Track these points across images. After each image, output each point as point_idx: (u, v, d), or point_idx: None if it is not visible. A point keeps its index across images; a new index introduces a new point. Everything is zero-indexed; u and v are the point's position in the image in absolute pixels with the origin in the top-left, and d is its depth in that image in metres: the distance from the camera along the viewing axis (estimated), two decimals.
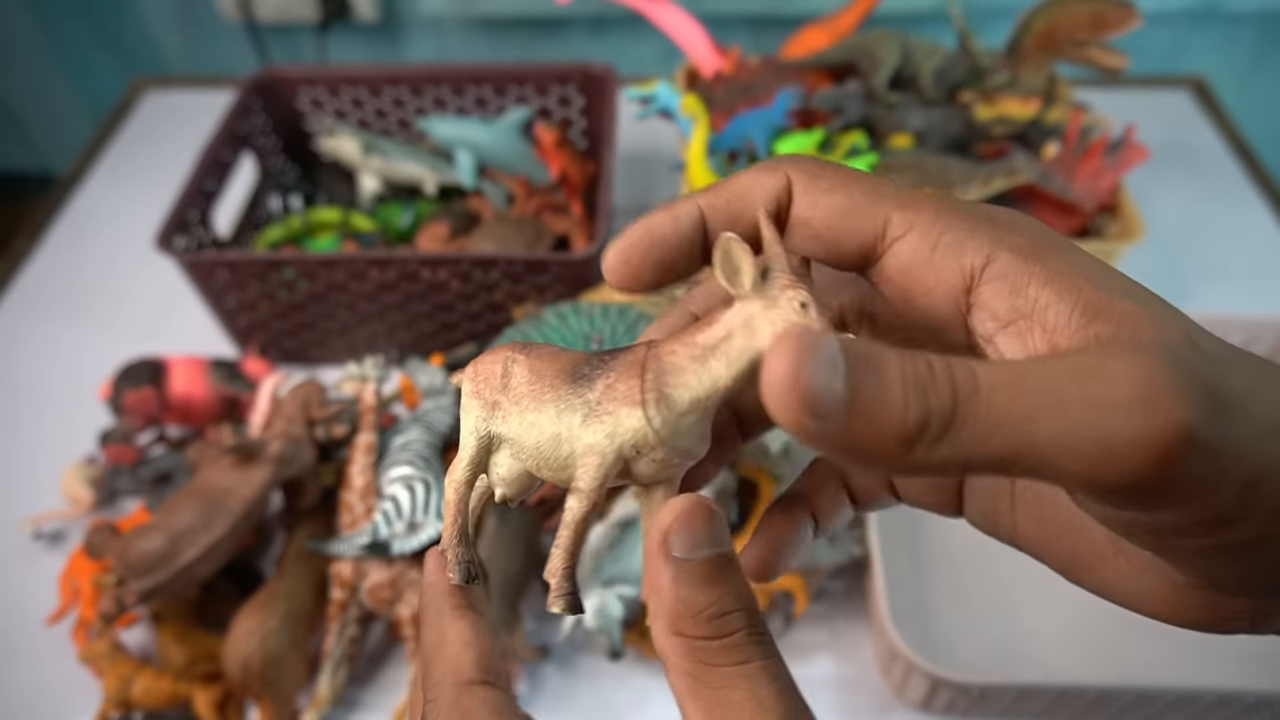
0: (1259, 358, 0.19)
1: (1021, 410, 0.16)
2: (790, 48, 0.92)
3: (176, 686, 0.61)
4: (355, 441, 0.64)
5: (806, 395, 0.16)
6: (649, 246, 0.23)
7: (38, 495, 0.75)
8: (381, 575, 0.61)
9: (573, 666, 0.65)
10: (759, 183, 0.22)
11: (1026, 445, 0.16)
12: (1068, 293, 0.19)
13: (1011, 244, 0.20)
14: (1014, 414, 0.16)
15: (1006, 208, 0.22)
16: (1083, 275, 0.19)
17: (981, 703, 0.59)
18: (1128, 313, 0.18)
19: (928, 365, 0.17)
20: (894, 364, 0.17)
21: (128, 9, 1.41)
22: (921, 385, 0.17)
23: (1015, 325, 0.20)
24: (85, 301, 0.95)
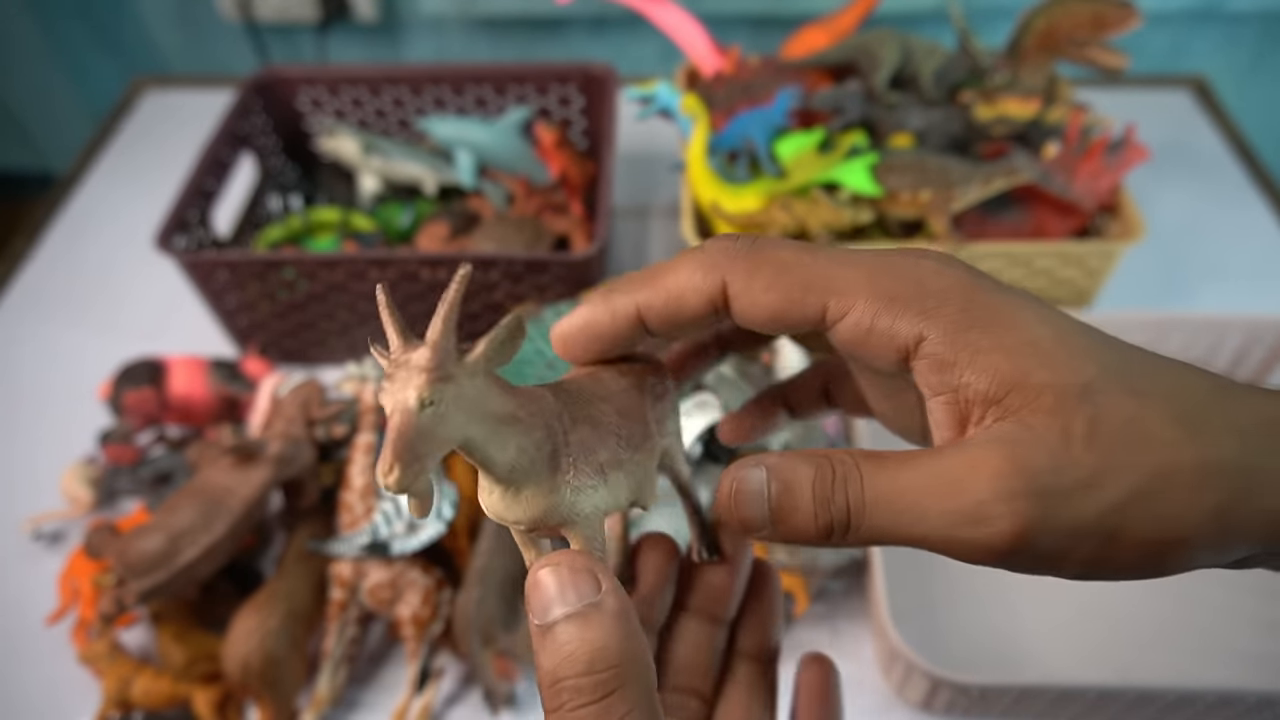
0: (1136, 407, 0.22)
1: (898, 520, 0.22)
2: (790, 48, 0.92)
3: (176, 687, 0.61)
4: (355, 441, 0.64)
5: (741, 519, 0.24)
6: (587, 337, 0.26)
7: (37, 495, 0.75)
8: (381, 575, 0.61)
9: None
10: (695, 287, 0.25)
11: (908, 541, 0.22)
12: (986, 370, 0.22)
13: (941, 321, 0.23)
14: (892, 522, 0.22)
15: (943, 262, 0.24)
16: (1000, 350, 0.22)
17: (981, 703, 0.59)
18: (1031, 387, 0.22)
19: (829, 481, 0.23)
20: (805, 484, 0.23)
21: (127, 9, 1.41)
22: (825, 502, 0.23)
23: (944, 397, 0.23)
24: (85, 301, 0.95)
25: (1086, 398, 0.22)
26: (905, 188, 0.73)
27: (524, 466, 0.22)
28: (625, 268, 0.94)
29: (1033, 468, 0.21)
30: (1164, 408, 0.22)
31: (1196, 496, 0.21)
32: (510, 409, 0.22)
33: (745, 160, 0.81)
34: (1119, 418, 0.22)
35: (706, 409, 0.59)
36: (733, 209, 0.76)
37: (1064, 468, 0.21)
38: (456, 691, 0.65)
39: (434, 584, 0.62)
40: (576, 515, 0.23)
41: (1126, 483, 0.21)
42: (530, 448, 0.22)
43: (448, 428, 0.21)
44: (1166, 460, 0.21)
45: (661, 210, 1.02)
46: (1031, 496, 0.21)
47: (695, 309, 0.25)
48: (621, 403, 0.25)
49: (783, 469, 0.23)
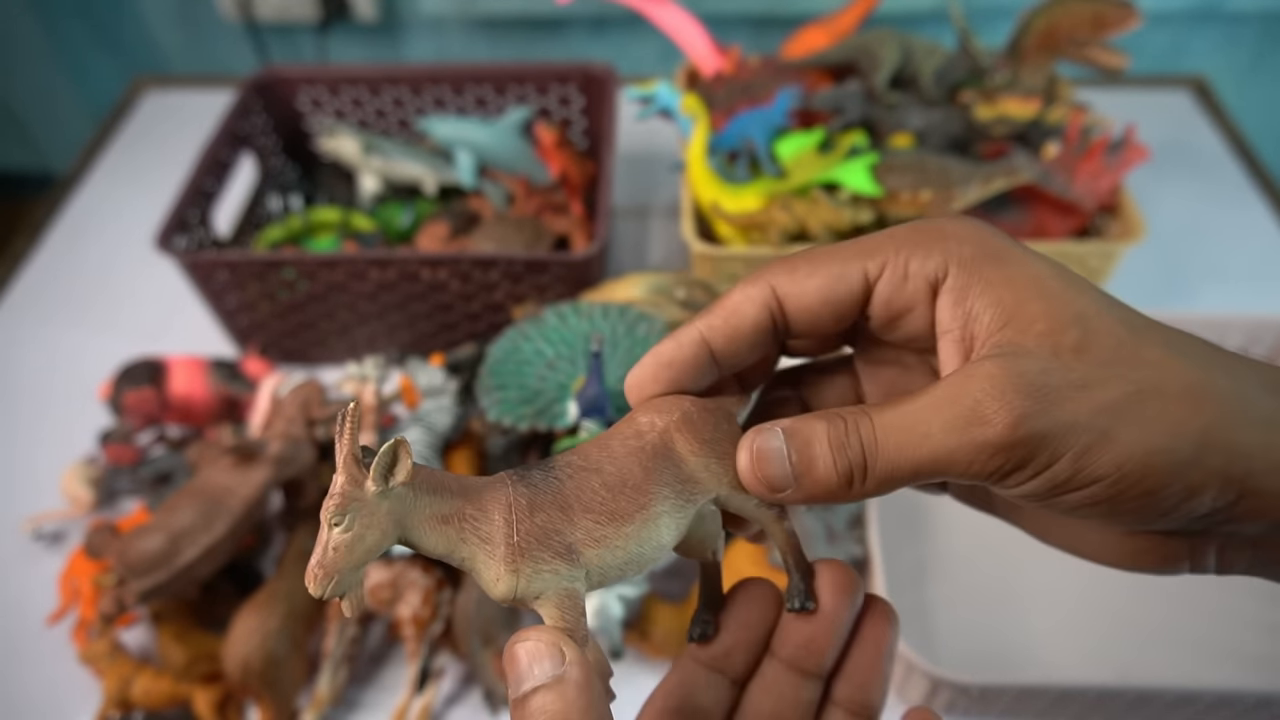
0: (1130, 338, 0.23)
1: (907, 444, 0.24)
2: (790, 48, 0.92)
3: (176, 687, 0.61)
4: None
5: (765, 480, 0.25)
6: (660, 371, 0.27)
7: (38, 495, 0.75)
8: (381, 575, 0.61)
9: None
10: (747, 296, 0.26)
11: (919, 465, 0.23)
12: (992, 302, 0.24)
13: (960, 256, 0.25)
14: (903, 447, 0.24)
15: (961, 218, 0.26)
16: (1006, 282, 0.24)
17: (981, 703, 0.59)
18: (1027, 316, 0.23)
19: (843, 429, 0.24)
20: (821, 436, 0.25)
21: (127, 9, 1.41)
22: (840, 447, 0.24)
23: (952, 334, 0.25)
24: (85, 301, 0.95)
25: (1078, 322, 0.23)
26: (905, 188, 0.73)
27: (471, 557, 0.24)
28: (625, 268, 0.94)
29: (1025, 371, 0.23)
30: (1156, 339, 0.24)
31: (1185, 412, 0.22)
32: (452, 509, 0.24)
33: (745, 160, 0.81)
34: (1110, 340, 0.23)
35: None
36: (733, 209, 0.76)
37: (1055, 371, 0.23)
38: (456, 691, 0.65)
39: (434, 584, 0.62)
40: (537, 596, 0.24)
41: (1118, 389, 0.22)
42: (474, 540, 0.24)
43: (364, 543, 0.23)
44: (1157, 377, 0.23)
45: (661, 210, 1.02)
46: (1024, 391, 0.22)
47: (753, 318, 0.26)
48: (613, 475, 0.26)
49: (798, 427, 0.25)
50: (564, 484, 0.25)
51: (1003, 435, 0.22)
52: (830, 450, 0.24)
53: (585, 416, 0.59)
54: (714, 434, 0.27)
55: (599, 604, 0.58)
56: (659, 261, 0.97)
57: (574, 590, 0.24)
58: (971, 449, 0.23)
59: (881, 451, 0.24)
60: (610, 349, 0.64)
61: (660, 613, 0.63)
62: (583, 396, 0.58)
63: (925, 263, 0.25)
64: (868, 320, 0.27)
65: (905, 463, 0.24)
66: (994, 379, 0.23)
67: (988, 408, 0.22)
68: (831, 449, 0.24)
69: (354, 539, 0.23)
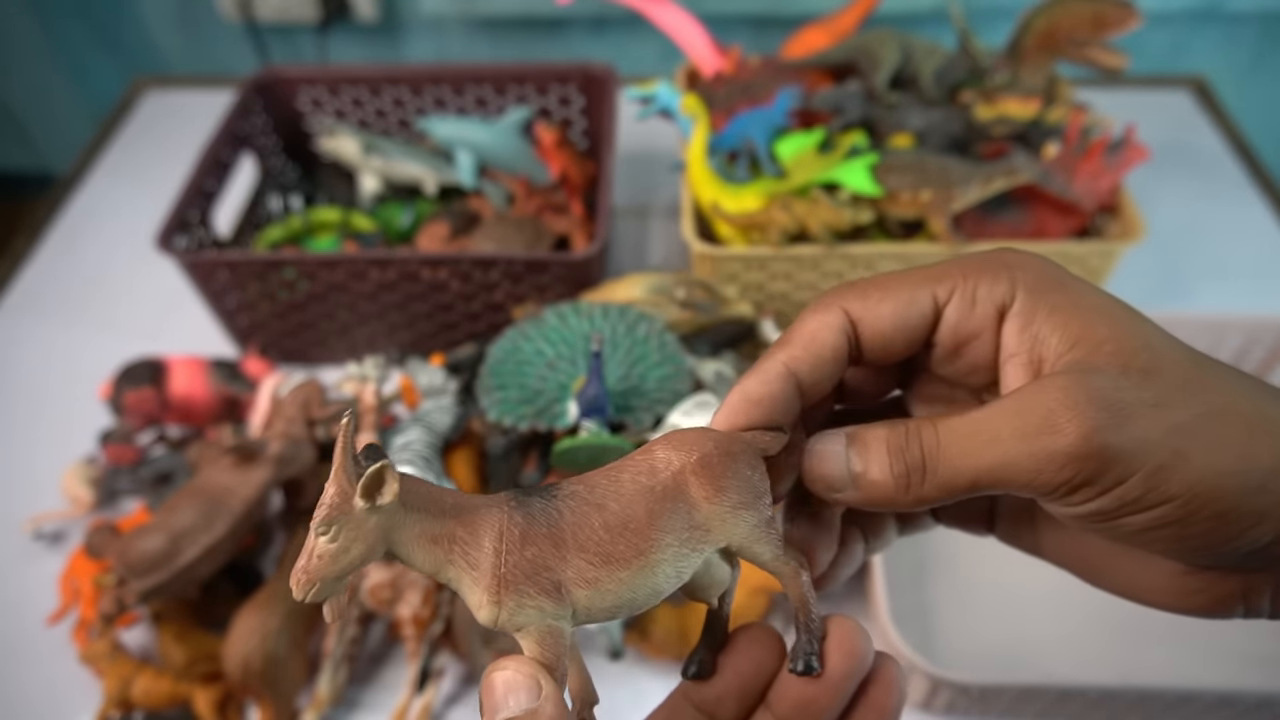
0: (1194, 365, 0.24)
1: (972, 449, 0.23)
2: (790, 48, 0.92)
3: (177, 686, 0.61)
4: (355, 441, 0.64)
5: (823, 480, 0.26)
6: (751, 409, 0.26)
7: (38, 495, 0.75)
8: (382, 575, 0.61)
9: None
10: (824, 323, 0.27)
11: (982, 472, 0.23)
12: (1059, 325, 0.24)
13: (1026, 283, 0.25)
14: (967, 453, 0.24)
15: (1025, 250, 0.26)
16: (1073, 307, 0.24)
17: (981, 703, 0.59)
18: (1095, 339, 0.24)
19: (903, 434, 0.25)
20: (880, 440, 0.25)
21: (127, 9, 1.41)
22: (899, 450, 0.25)
23: (1019, 357, 0.25)
24: (85, 301, 0.95)
25: (1146, 347, 0.23)
26: (905, 188, 0.73)
27: (457, 580, 0.24)
28: (625, 268, 0.94)
29: (1099, 386, 0.23)
30: (1219, 370, 0.24)
31: (1256, 438, 0.22)
32: (443, 530, 0.24)
33: (745, 160, 0.81)
34: (1178, 365, 0.23)
35: (706, 408, 0.59)
36: (733, 209, 0.76)
37: (1128, 388, 0.23)
38: (456, 691, 0.65)
39: (434, 584, 0.62)
40: (519, 629, 0.24)
41: (1191, 410, 0.22)
42: (461, 564, 0.24)
43: (348, 555, 0.23)
44: (1227, 402, 0.23)
45: (661, 210, 1.02)
46: (1099, 404, 0.22)
47: (833, 344, 0.26)
48: (616, 514, 0.24)
49: (860, 431, 0.26)
50: (562, 516, 0.24)
51: (1075, 445, 0.22)
52: (888, 453, 0.25)
53: (585, 416, 0.59)
54: (733, 481, 0.25)
55: None
56: (659, 261, 0.97)
57: (558, 627, 0.24)
58: (1041, 457, 0.22)
59: (944, 455, 0.24)
60: (610, 349, 0.64)
61: (660, 613, 0.63)
62: (583, 396, 0.58)
63: (993, 288, 0.25)
64: (931, 349, 0.27)
65: (967, 468, 0.24)
66: (1067, 390, 0.23)
67: (1061, 416, 0.22)
68: (889, 452, 0.25)
69: (339, 550, 0.23)
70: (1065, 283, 0.25)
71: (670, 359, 0.64)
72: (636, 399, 0.62)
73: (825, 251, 0.74)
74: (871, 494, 0.25)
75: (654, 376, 0.63)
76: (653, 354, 0.64)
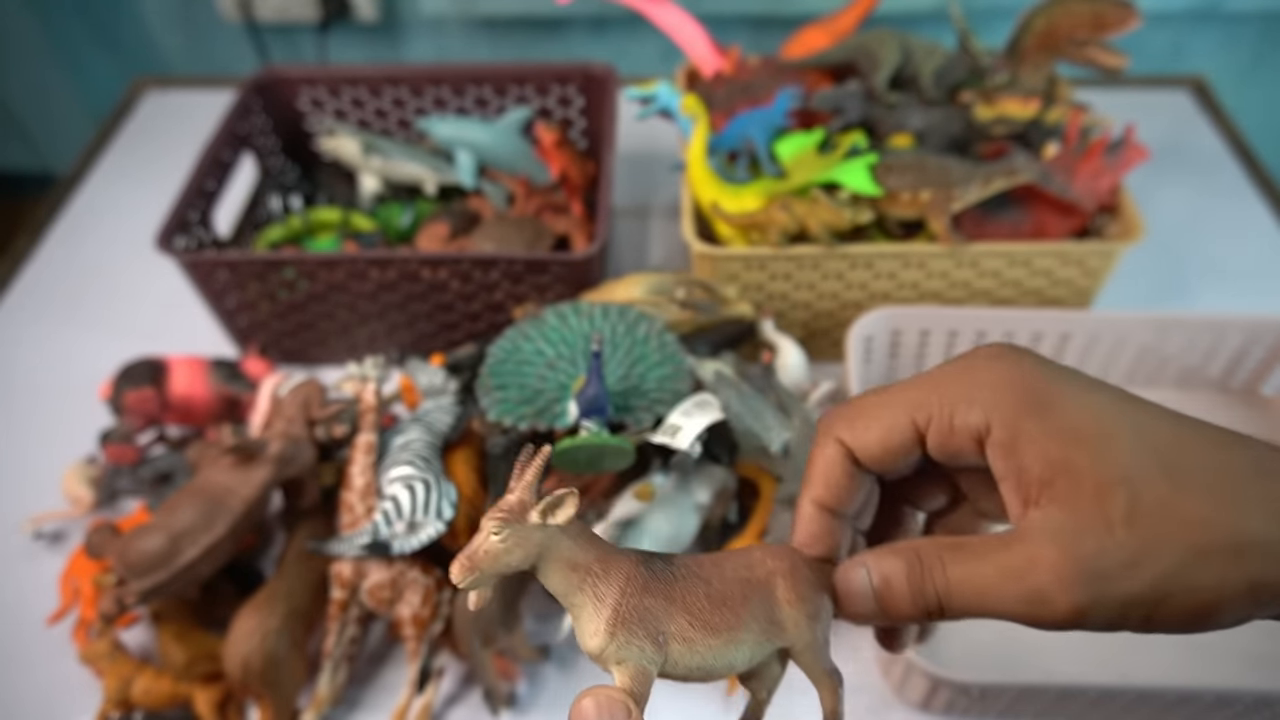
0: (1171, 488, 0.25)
1: (977, 603, 0.27)
2: (790, 48, 0.92)
3: (177, 686, 0.61)
4: (355, 441, 0.64)
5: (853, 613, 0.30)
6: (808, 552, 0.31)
7: (38, 495, 0.75)
8: (382, 575, 0.61)
9: (573, 666, 0.65)
10: (827, 458, 0.31)
11: (989, 615, 0.27)
12: (1039, 456, 0.26)
13: (1001, 410, 0.27)
14: (973, 605, 0.27)
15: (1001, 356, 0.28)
16: (1049, 435, 0.26)
17: (981, 702, 0.59)
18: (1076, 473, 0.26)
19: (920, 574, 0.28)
20: (901, 580, 0.28)
21: (127, 9, 1.41)
22: (919, 592, 0.28)
23: (1008, 481, 0.27)
24: (85, 301, 0.95)
25: (1124, 483, 0.25)
26: (905, 188, 0.73)
27: (581, 606, 0.28)
28: (625, 268, 0.94)
29: (1082, 555, 0.25)
30: (1199, 487, 0.25)
31: (1231, 570, 0.24)
32: (584, 561, 0.28)
33: (745, 160, 0.81)
34: (1155, 501, 0.25)
35: (706, 408, 0.59)
36: (733, 209, 0.76)
37: (1108, 551, 0.25)
38: (456, 691, 0.65)
39: (434, 584, 0.62)
40: (618, 663, 0.27)
41: (1166, 561, 0.25)
42: (590, 594, 0.28)
43: (509, 556, 0.27)
44: (1202, 539, 0.25)
45: (661, 210, 1.02)
46: (1082, 580, 0.25)
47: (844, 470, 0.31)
48: (719, 591, 0.29)
49: (880, 567, 0.29)
50: (677, 582, 0.28)
51: (1067, 619, 0.26)
52: (909, 593, 0.28)
53: (585, 416, 0.59)
54: (811, 592, 0.30)
55: None
56: (659, 261, 0.97)
57: (650, 670, 0.27)
58: (1037, 621, 0.26)
59: (955, 602, 0.28)
60: (610, 349, 0.64)
61: None
62: (583, 396, 0.58)
63: (968, 417, 0.28)
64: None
65: (977, 612, 0.28)
66: (1055, 568, 0.26)
67: (1051, 595, 0.26)
68: (910, 591, 0.28)
69: (503, 551, 0.27)
70: (1042, 402, 0.27)
71: (670, 359, 0.64)
72: (636, 399, 0.62)
73: (825, 251, 0.74)
74: (897, 622, 0.29)
75: (654, 376, 0.63)
76: (653, 354, 0.64)
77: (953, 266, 0.76)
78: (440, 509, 0.61)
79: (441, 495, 0.62)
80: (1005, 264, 0.76)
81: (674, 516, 0.61)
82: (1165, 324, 0.75)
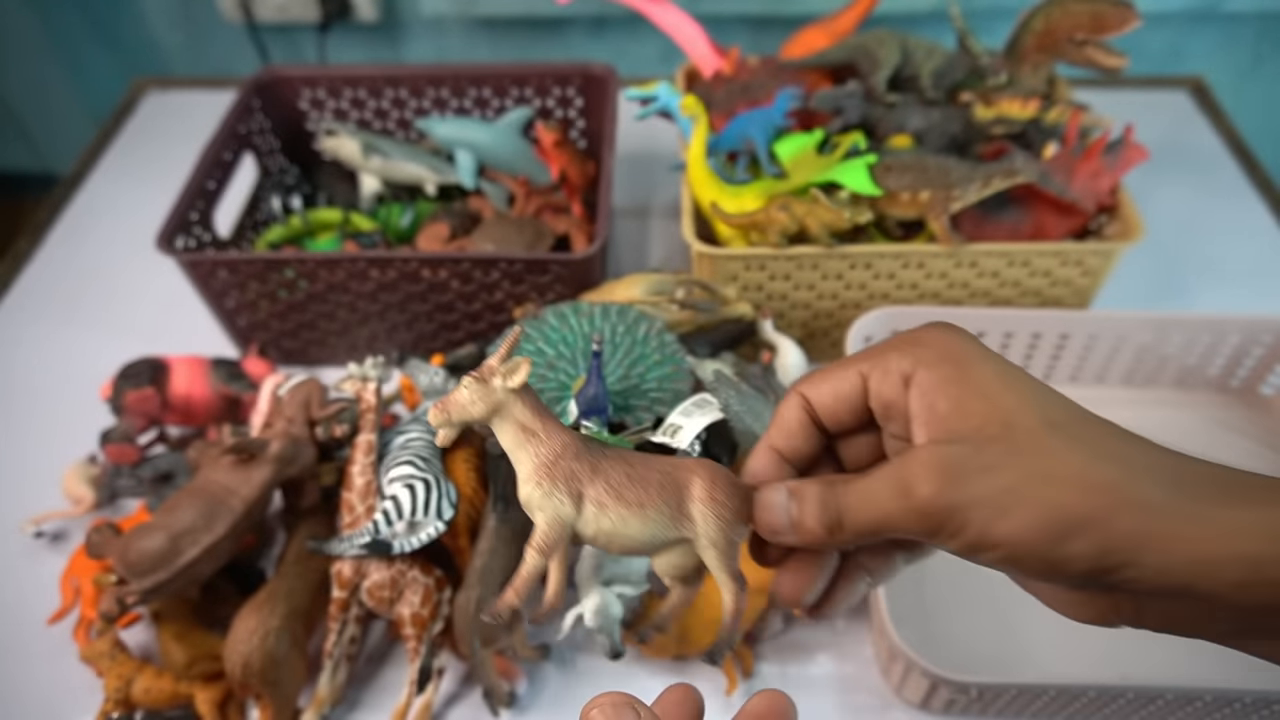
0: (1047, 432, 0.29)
1: (867, 507, 0.31)
2: (790, 48, 0.92)
3: (177, 686, 0.61)
4: (356, 441, 0.65)
5: (771, 526, 0.33)
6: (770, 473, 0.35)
7: (39, 495, 0.75)
8: (382, 575, 0.61)
9: (573, 666, 0.65)
10: (788, 406, 0.35)
11: (874, 522, 0.31)
12: (946, 395, 0.31)
13: (926, 359, 0.32)
14: (864, 510, 0.31)
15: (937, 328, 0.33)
16: (960, 380, 0.31)
17: (980, 702, 0.60)
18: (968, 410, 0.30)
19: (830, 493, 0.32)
20: (815, 496, 0.32)
21: (128, 9, 1.41)
22: (824, 506, 0.32)
23: (920, 417, 0.31)
24: (86, 301, 0.95)
25: (1004, 417, 0.29)
26: (905, 188, 0.74)
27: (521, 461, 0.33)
28: (625, 268, 0.94)
29: (948, 456, 0.29)
30: (1067, 433, 0.29)
31: (1071, 497, 0.27)
32: (533, 424, 0.33)
33: (745, 160, 0.81)
34: (1024, 433, 0.29)
35: (705, 408, 0.60)
36: (732, 209, 0.76)
37: (970, 457, 0.29)
38: (456, 691, 0.65)
39: (434, 583, 0.62)
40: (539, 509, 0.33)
41: (1016, 473, 0.28)
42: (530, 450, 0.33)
43: (474, 408, 0.33)
44: (1052, 465, 0.28)
45: (661, 210, 1.02)
46: (943, 474, 0.29)
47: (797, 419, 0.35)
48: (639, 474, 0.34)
49: (799, 487, 0.33)
50: (604, 458, 0.34)
51: (925, 503, 0.29)
52: (816, 508, 0.32)
53: (585, 416, 0.59)
54: (725, 497, 0.34)
55: (600, 603, 0.58)
56: (659, 261, 0.97)
57: (564, 522, 0.33)
58: (905, 513, 0.30)
59: (850, 511, 0.31)
60: (610, 349, 0.64)
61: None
62: (583, 396, 0.58)
63: (900, 362, 0.32)
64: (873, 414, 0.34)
65: (866, 521, 0.31)
66: (924, 462, 0.29)
67: (917, 481, 0.29)
68: (817, 506, 0.32)
69: (469, 402, 0.33)
70: (960, 359, 0.31)
71: (670, 359, 0.64)
72: (636, 399, 0.62)
73: (825, 251, 0.74)
74: (805, 539, 0.32)
75: (654, 376, 0.63)
76: (653, 354, 0.64)
77: (952, 266, 0.76)
78: (440, 509, 0.62)
79: (442, 495, 0.62)
80: (1004, 264, 0.76)
81: None
82: (1164, 324, 0.75)
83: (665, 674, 0.64)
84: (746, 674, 0.64)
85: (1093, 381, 0.80)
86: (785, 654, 0.66)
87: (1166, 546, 0.27)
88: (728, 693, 0.63)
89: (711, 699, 0.63)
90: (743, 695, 0.63)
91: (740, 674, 0.64)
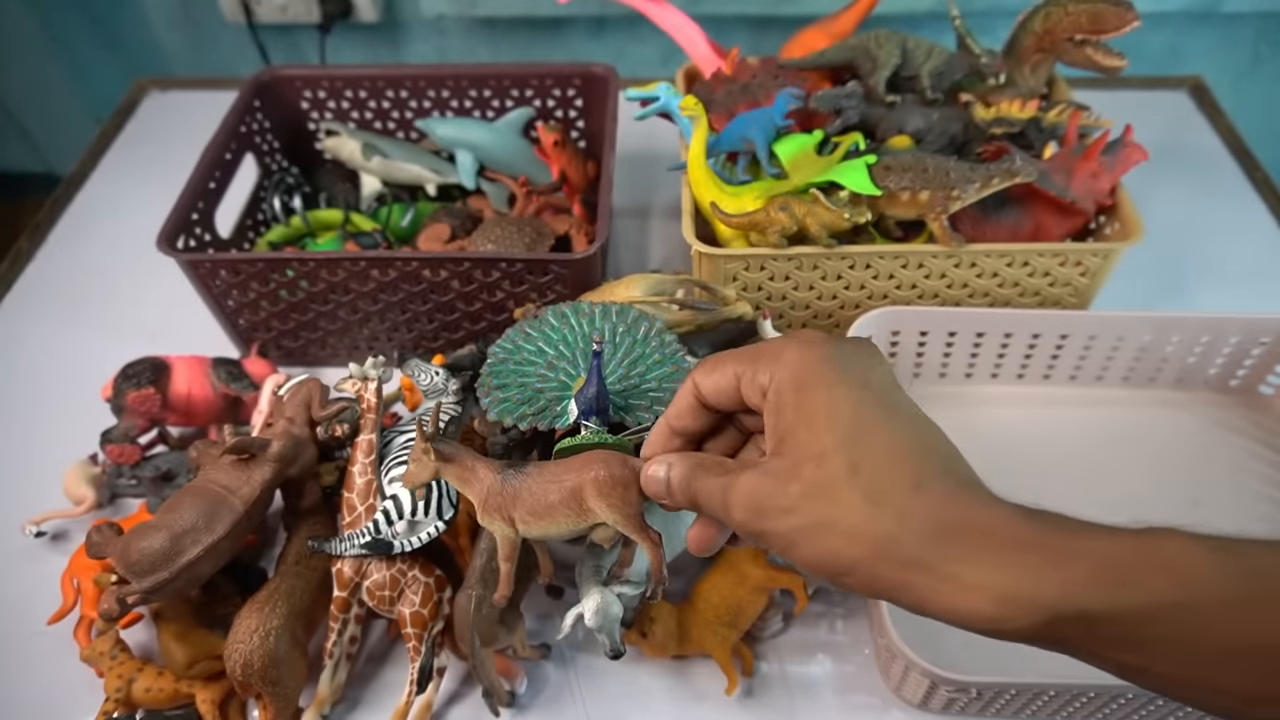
0: (848, 474, 0.35)
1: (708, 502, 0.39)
2: (790, 49, 0.92)
3: (178, 685, 0.61)
4: (356, 441, 0.65)
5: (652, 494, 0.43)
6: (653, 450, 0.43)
7: (39, 495, 0.75)
8: (382, 574, 0.61)
9: (573, 667, 0.65)
10: (683, 391, 0.42)
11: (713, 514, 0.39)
12: (781, 421, 0.37)
13: (779, 379, 0.37)
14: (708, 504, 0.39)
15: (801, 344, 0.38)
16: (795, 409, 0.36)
17: (980, 702, 0.60)
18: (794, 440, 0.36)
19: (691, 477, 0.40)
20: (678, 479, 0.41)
21: (129, 10, 1.41)
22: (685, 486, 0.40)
23: (768, 430, 0.38)
24: (87, 301, 0.95)
25: (816, 457, 0.35)
26: (904, 188, 0.74)
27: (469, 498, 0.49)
28: (625, 268, 0.94)
29: (761, 492, 0.36)
30: (862, 482, 0.34)
31: (845, 544, 0.34)
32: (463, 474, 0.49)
33: (745, 161, 0.81)
34: (827, 477, 0.35)
35: None
36: (732, 210, 0.76)
37: (776, 496, 0.36)
38: (456, 691, 0.65)
39: (434, 583, 0.62)
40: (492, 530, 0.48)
41: (805, 518, 0.35)
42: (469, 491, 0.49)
43: (422, 474, 0.49)
44: (836, 515, 0.34)
45: (661, 210, 1.03)
46: (751, 508, 0.37)
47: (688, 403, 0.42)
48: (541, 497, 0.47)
49: (675, 463, 0.41)
50: (523, 487, 0.47)
51: (738, 525, 0.38)
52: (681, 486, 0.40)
53: (585, 416, 0.59)
54: (611, 489, 0.44)
55: (600, 603, 0.58)
56: (659, 261, 0.97)
57: (512, 539, 0.48)
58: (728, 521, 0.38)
59: (699, 499, 0.39)
60: (610, 349, 0.64)
61: (660, 612, 0.63)
62: (583, 396, 0.58)
63: (761, 375, 0.38)
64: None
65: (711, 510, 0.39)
66: (742, 492, 0.37)
67: (733, 508, 0.37)
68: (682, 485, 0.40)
69: (416, 472, 0.49)
70: (806, 385, 0.36)
71: (670, 359, 0.64)
72: (636, 399, 0.62)
73: (825, 251, 0.74)
74: (677, 507, 0.41)
75: (654, 376, 0.63)
76: (653, 354, 0.64)
77: (952, 267, 0.76)
78: (441, 508, 0.62)
79: (442, 495, 0.62)
80: (1004, 264, 0.76)
81: (671, 516, 0.61)
82: (1164, 324, 0.75)
83: (665, 674, 0.64)
84: (747, 673, 0.64)
85: (1092, 381, 0.80)
86: (785, 653, 0.66)
87: (918, 594, 0.33)
88: (728, 692, 0.63)
89: (712, 698, 0.64)
90: (743, 695, 0.63)
91: (740, 673, 0.64)
